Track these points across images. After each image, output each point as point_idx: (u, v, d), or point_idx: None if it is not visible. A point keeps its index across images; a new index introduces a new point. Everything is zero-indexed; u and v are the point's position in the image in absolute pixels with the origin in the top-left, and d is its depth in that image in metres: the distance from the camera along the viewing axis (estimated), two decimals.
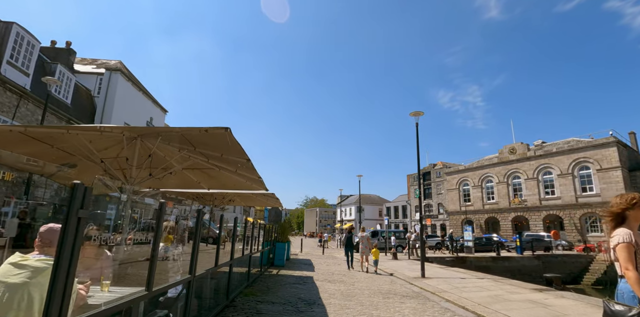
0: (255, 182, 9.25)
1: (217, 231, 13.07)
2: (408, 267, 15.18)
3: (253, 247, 9.38)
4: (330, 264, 16.61)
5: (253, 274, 10.14)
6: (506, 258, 25.02)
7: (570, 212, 38.08)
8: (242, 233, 9.12)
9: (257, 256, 10.44)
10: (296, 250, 26.06)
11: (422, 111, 12.84)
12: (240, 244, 8.45)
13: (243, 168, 7.11)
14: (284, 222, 15.10)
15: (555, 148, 40.16)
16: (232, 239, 6.63)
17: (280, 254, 13.79)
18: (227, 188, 11.56)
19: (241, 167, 7.38)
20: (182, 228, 6.38)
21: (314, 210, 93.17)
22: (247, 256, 8.46)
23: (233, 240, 6.56)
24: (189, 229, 6.47)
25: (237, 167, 7.75)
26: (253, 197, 15.07)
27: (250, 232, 9.66)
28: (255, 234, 10.61)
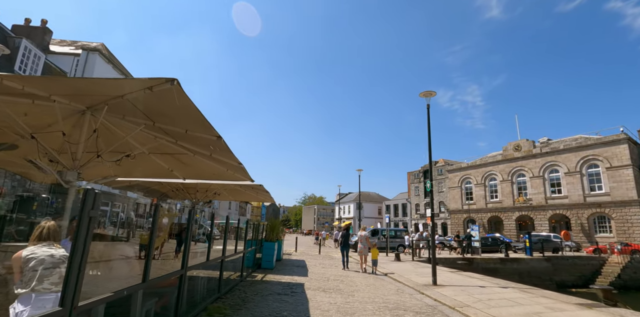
0: (237, 170, 7.50)
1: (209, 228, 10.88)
2: (414, 271, 13.30)
3: (228, 248, 7.49)
4: (327, 266, 14.72)
5: (231, 281, 8.26)
6: (515, 260, 23.17)
7: (578, 212, 36.24)
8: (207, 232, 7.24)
9: (236, 258, 8.56)
10: (291, 249, 24.18)
11: (434, 91, 10.93)
12: (218, 244, 6.59)
13: (217, 151, 5.68)
14: (273, 219, 13.19)
15: (563, 145, 38.29)
16: (185, 240, 4.74)
17: (269, 255, 11.90)
18: (206, 177, 9.78)
19: (215, 149, 5.63)
20: None
21: (312, 207, 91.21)
22: (218, 260, 6.57)
23: (186, 242, 4.68)
24: None
25: (211, 150, 5.94)
26: (240, 190, 13.25)
27: (237, 230, 7.84)
28: (238, 232, 8.74)
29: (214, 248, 6.73)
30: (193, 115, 3.83)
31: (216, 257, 6.27)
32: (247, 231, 9.31)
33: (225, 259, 6.84)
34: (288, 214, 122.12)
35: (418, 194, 53.65)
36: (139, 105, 4.16)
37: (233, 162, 6.63)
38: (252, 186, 11.94)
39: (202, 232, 14.85)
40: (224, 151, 5.77)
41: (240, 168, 7.37)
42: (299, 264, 14.70)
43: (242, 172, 8.02)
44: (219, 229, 17.28)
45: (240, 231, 9.40)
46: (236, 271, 9.10)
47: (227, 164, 6.83)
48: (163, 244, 8.08)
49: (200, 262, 5.68)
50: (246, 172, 7.95)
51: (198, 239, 13.35)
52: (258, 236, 12.26)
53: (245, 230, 9.17)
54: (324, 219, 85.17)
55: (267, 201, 14.60)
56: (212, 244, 6.27)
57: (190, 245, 6.95)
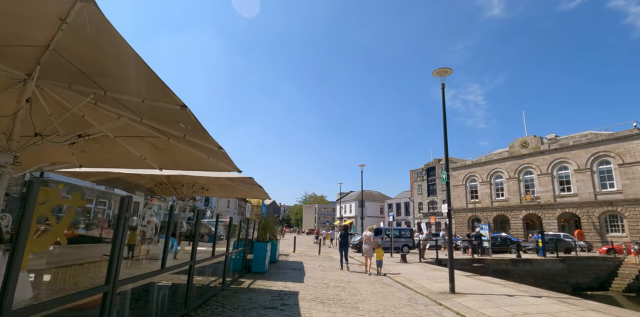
0: (220, 158, 6.26)
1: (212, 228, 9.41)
2: (425, 274, 11.77)
3: (204, 250, 6.00)
4: (326, 268, 13.20)
5: (210, 289, 6.75)
6: (528, 261, 21.60)
7: (589, 211, 34.62)
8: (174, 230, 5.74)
9: (216, 262, 7.06)
10: (289, 249, 22.66)
11: (449, 68, 9.39)
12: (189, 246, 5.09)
13: (189, 129, 4.61)
14: (267, 217, 11.68)
15: (572, 141, 36.65)
16: (113, 243, 3.21)
17: (260, 257, 10.37)
18: (185, 167, 8.34)
19: (186, 127, 4.50)
20: None
21: (312, 206, 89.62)
22: (184, 266, 5.07)
23: (115, 247, 3.17)
24: None
25: (183, 129, 4.75)
26: (232, 185, 11.78)
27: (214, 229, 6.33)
28: (217, 231, 7.24)
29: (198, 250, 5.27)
30: (142, 73, 2.93)
31: (179, 263, 4.76)
32: (232, 230, 7.78)
33: (195, 264, 5.32)
34: (289, 213, 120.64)
35: (421, 193, 52.08)
36: (75, 61, 3.21)
37: (211, 145, 5.20)
38: (242, 179, 10.51)
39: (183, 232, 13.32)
40: (197, 131, 4.39)
41: (222, 154, 6.05)
42: (295, 266, 13.17)
43: (226, 160, 6.68)
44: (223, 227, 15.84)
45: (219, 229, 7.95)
46: (217, 277, 7.60)
47: (206, 150, 5.80)
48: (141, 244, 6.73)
49: (153, 270, 4.17)
50: (230, 160, 6.57)
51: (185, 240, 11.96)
52: (248, 236, 10.75)
53: (229, 229, 7.66)
54: (324, 218, 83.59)
55: (262, 197, 13.13)
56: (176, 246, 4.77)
57: (196, 245, 5.46)
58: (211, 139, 4.88)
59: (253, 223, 11.57)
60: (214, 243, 6.33)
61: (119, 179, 11.01)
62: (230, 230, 7.60)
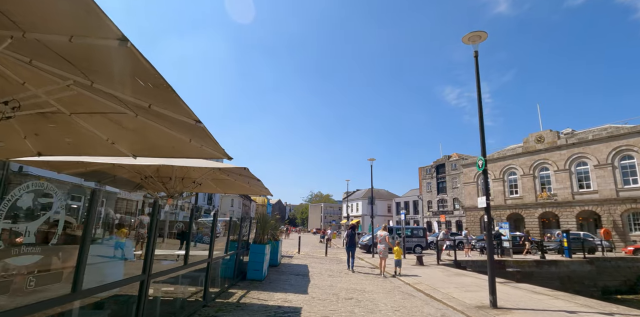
0: (203, 139, 4.85)
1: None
2: (450, 281, 10.01)
3: (167, 255, 4.35)
4: (334, 273, 11.50)
5: (187, 305, 5.10)
6: (553, 262, 19.69)
7: (610, 208, 32.45)
8: None
9: (191, 272, 5.40)
10: (293, 250, 21.00)
11: (483, 31, 7.63)
12: None
13: (161, 100, 3.36)
14: (266, 214, 9.98)
15: (592, 135, 34.49)
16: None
17: (257, 262, 8.69)
18: (164, 153, 6.64)
19: (146, 85, 3.03)
20: None
21: (318, 205, 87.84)
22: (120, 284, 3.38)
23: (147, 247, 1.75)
24: None
25: (148, 94, 3.40)
26: (229, 179, 10.19)
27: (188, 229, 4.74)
28: (190, 230, 5.59)
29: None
30: None
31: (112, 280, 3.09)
32: (215, 230, 6.07)
33: (150, 279, 3.65)
34: (294, 213, 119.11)
35: (430, 191, 50.12)
36: None
37: (187, 118, 3.85)
38: (237, 171, 8.89)
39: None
40: (163, 92, 3.10)
41: (201, 129, 4.42)
42: (299, 271, 11.48)
43: (210, 142, 5.09)
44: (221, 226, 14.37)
45: (201, 228, 6.30)
46: (197, 285, 5.94)
47: (186, 129, 4.63)
48: None
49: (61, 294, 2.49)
50: (215, 141, 5.24)
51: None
52: (242, 236, 9.09)
53: (212, 228, 5.98)
54: (331, 218, 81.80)
55: (263, 192, 11.47)
56: None
57: (153, 251, 3.96)
58: (185, 108, 3.34)
59: (248, 222, 9.90)
60: (187, 249, 4.65)
61: (101, 172, 9.42)
62: (212, 231, 5.92)
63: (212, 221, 6.00)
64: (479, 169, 7.84)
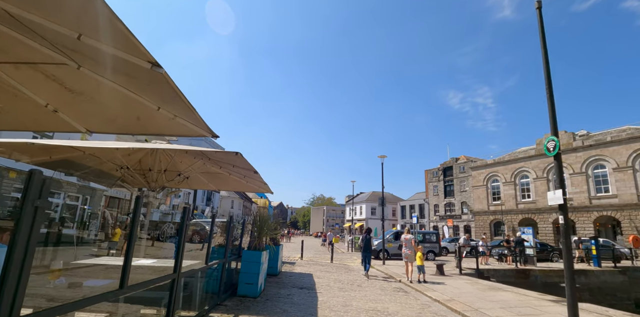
0: (173, 105, 3.63)
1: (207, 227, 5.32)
2: (488, 299, 8.04)
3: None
4: (345, 284, 9.55)
5: None
6: (582, 272, 17.62)
7: (630, 214, 30.32)
8: None
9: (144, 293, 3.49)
10: (295, 255, 19.04)
11: None
12: None
13: (97, 30, 2.26)
14: (263, 215, 8.05)
15: (610, 137, 32.47)
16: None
17: (251, 273, 6.77)
18: (128, 128, 5.14)
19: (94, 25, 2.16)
20: None
21: (320, 208, 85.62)
22: None
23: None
24: None
25: (86, 28, 2.29)
26: (219, 173, 8.44)
27: None
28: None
29: None
30: None
31: None
32: (184, 233, 4.11)
33: None
34: (296, 215, 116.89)
35: (437, 194, 48.01)
36: None
37: (138, 58, 2.55)
38: (227, 159, 7.09)
39: None
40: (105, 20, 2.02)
41: (169, 88, 3.03)
42: (303, 282, 9.53)
43: (188, 113, 3.76)
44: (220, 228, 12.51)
45: (169, 229, 4.48)
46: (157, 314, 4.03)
47: (151, 91, 3.37)
48: None
49: None
50: (193, 109, 3.59)
51: None
52: (234, 241, 7.20)
53: (182, 231, 4.05)
54: (333, 221, 79.59)
55: (262, 190, 9.56)
56: None
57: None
58: (135, 43, 2.27)
59: (241, 223, 8.00)
60: (125, 267, 2.73)
61: (71, 162, 7.57)
62: (181, 234, 3.99)
63: (181, 223, 4.10)
64: (549, 153, 5.94)
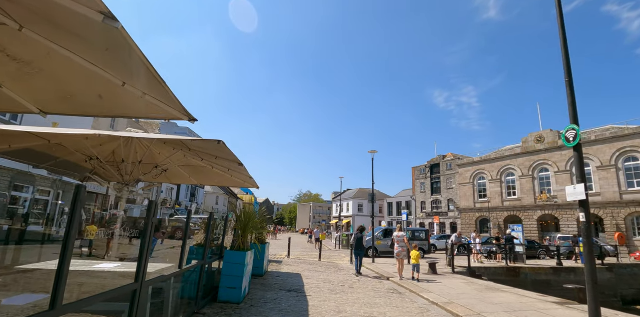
0: (141, 79, 3.18)
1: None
2: (487, 300, 7.50)
3: None
4: (336, 285, 8.88)
5: None
6: (571, 270, 17.52)
7: (613, 212, 30.76)
8: None
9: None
10: (282, 253, 18.33)
11: None
12: None
13: None
14: (247, 211, 7.22)
15: (594, 136, 32.80)
16: None
17: (234, 276, 6.00)
18: (88, 109, 4.51)
19: None
20: None
21: (307, 205, 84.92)
22: None
23: None
24: None
25: None
26: (201, 166, 7.66)
27: None
28: None
29: None
30: None
31: None
32: (149, 234, 3.32)
33: None
34: (282, 212, 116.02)
35: (424, 191, 47.95)
36: None
37: (94, 11, 2.09)
38: (208, 150, 6.30)
39: None
40: None
41: (133, 55, 2.67)
42: (291, 284, 8.82)
43: (160, 90, 3.15)
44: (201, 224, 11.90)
45: None
46: None
47: (113, 60, 2.96)
48: None
49: None
50: (164, 85, 3.05)
51: None
52: (215, 240, 6.42)
53: (146, 231, 3.25)
54: (320, 218, 79.08)
55: (247, 185, 8.83)
56: None
57: None
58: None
59: (222, 220, 7.22)
60: (60, 277, 1.96)
61: (36, 152, 6.69)
62: (146, 235, 3.20)
63: (146, 220, 3.31)
64: (568, 144, 5.36)
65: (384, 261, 16.74)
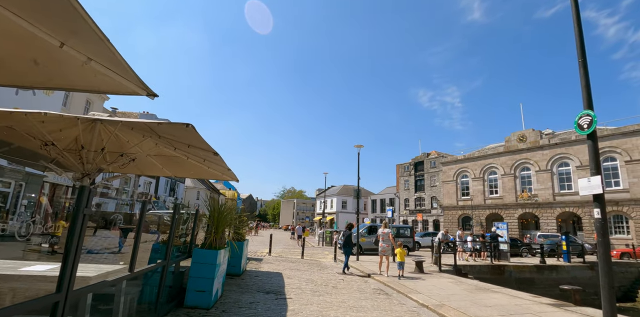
0: (100, 51, 2.55)
1: None
2: (480, 302, 6.97)
3: None
4: (319, 286, 8.23)
5: None
6: (553, 267, 17.43)
7: (591, 210, 31.13)
8: None
9: None
10: (264, 249, 17.58)
11: None
12: None
13: None
14: (216, 207, 6.33)
15: (575, 136, 33.23)
16: None
17: (203, 278, 5.24)
18: (18, 78, 2.66)
19: None
20: None
21: (291, 201, 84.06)
22: None
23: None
24: None
25: None
26: (173, 155, 6.77)
27: None
28: None
29: None
30: None
31: None
32: (79, 229, 2.58)
33: None
34: (265, 208, 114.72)
35: (408, 188, 47.91)
36: None
37: None
38: (174, 132, 5.36)
39: None
40: None
41: (72, 8, 2.00)
42: (270, 284, 8.10)
43: (104, 54, 2.64)
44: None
45: None
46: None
47: (41, 11, 2.16)
48: None
49: None
50: (112, 48, 2.52)
51: None
52: (181, 237, 5.64)
53: (74, 227, 2.47)
54: (303, 214, 78.39)
55: (224, 177, 8.00)
56: None
57: None
58: None
59: (193, 213, 6.43)
60: None
61: None
62: (73, 229, 2.42)
63: (74, 214, 2.52)
64: (582, 131, 4.83)
65: (369, 258, 16.21)
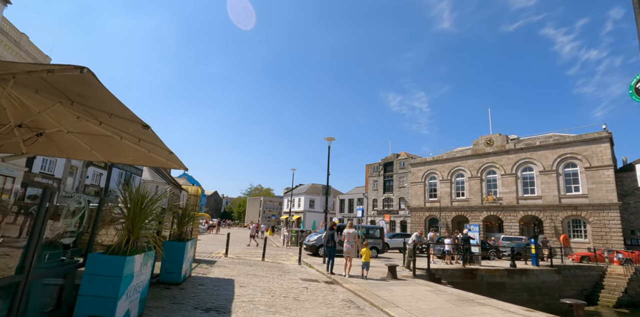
0: None
1: None
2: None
3: None
4: (278, 296, 6.59)
5: None
6: (523, 271, 16.82)
7: (552, 214, 31.76)
8: None
9: None
10: (220, 249, 15.64)
11: None
12: None
13: None
14: (130, 194, 4.39)
15: (539, 141, 33.79)
16: None
17: (103, 297, 3.47)
18: None
19: None
20: None
21: (257, 199, 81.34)
22: None
23: None
24: None
25: None
26: (104, 135, 4.52)
27: None
28: None
29: None
30: None
31: None
32: None
33: None
34: (231, 206, 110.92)
35: (376, 189, 47.21)
36: None
37: None
38: (67, 83, 3.21)
39: None
40: None
41: None
42: (215, 296, 6.36)
43: None
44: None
45: None
46: None
47: None
48: None
49: None
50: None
51: None
52: (80, 235, 3.81)
53: None
54: (270, 212, 76.04)
55: (171, 164, 6.11)
56: None
57: None
58: None
59: (93, 204, 4.53)
60: None
61: None
62: None
63: None
64: (636, 98, 3.51)
65: (338, 260, 14.73)
